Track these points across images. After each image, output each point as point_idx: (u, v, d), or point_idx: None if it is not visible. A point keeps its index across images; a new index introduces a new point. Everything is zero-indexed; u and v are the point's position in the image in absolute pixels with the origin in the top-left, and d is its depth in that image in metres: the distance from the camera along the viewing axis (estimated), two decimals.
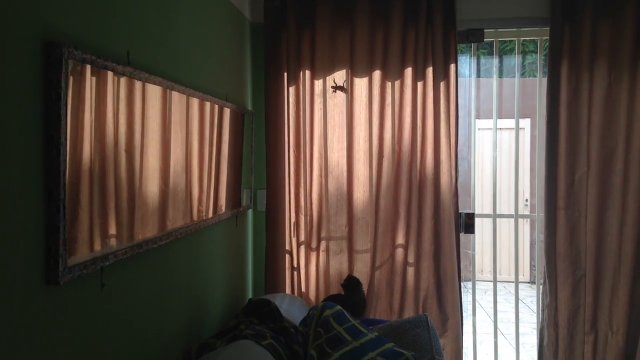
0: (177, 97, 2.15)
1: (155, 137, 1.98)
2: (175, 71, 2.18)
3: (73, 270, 1.43)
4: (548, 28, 3.17)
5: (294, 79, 3.29)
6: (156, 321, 2.03)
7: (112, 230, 1.69)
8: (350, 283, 3.13)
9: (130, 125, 1.78)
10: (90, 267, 1.52)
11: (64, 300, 1.44)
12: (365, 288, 3.23)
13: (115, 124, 1.68)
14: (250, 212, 3.43)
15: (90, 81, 1.53)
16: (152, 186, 1.96)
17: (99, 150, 1.59)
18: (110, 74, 1.63)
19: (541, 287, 3.34)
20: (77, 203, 1.48)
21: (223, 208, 2.79)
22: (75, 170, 1.47)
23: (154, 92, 1.95)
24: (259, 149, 3.37)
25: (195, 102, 2.36)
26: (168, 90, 2.05)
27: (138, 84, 1.81)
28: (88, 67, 1.51)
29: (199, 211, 2.45)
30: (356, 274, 3.27)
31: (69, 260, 1.42)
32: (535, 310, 3.71)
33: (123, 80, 1.72)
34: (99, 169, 1.60)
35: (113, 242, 1.69)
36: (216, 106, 2.64)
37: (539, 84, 3.43)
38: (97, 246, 1.60)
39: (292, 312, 2.84)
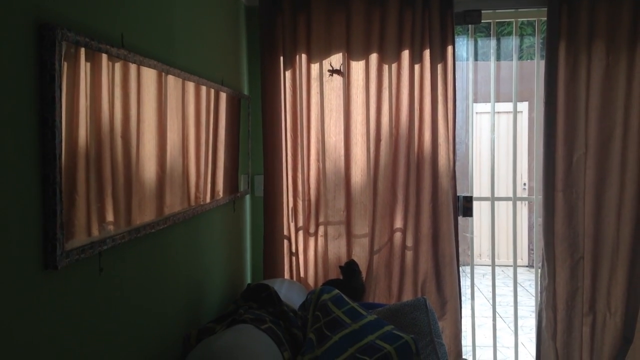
0: (172, 81, 2.14)
1: (151, 122, 1.97)
2: (170, 55, 2.16)
3: (71, 255, 1.43)
4: (546, 8, 3.15)
5: (290, 63, 3.27)
6: (155, 306, 2.03)
7: (110, 214, 1.69)
8: (350, 267, 3.14)
9: (126, 109, 1.77)
10: (88, 252, 1.52)
11: (62, 284, 1.44)
12: (363, 272, 3.24)
13: (110, 108, 1.67)
14: (248, 197, 3.43)
15: (84, 64, 1.52)
16: (149, 171, 1.96)
17: (95, 134, 1.58)
18: (104, 56, 1.62)
19: (539, 270, 3.35)
20: (73, 187, 1.48)
21: (220, 193, 2.79)
22: (71, 154, 1.46)
23: (149, 75, 1.93)
24: (255, 134, 3.37)
25: (191, 87, 2.34)
26: (163, 73, 2.04)
27: (133, 67, 1.80)
28: (82, 49, 1.49)
29: (196, 196, 2.45)
30: (355, 259, 3.27)
31: (66, 245, 1.42)
32: (534, 294, 3.73)
33: (118, 63, 1.71)
34: (95, 153, 1.59)
35: (111, 226, 1.69)
36: (212, 91, 2.63)
37: (537, 67, 3.42)
38: (95, 231, 1.60)
39: (291, 297, 2.84)
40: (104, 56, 1.61)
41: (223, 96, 2.80)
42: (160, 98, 2.03)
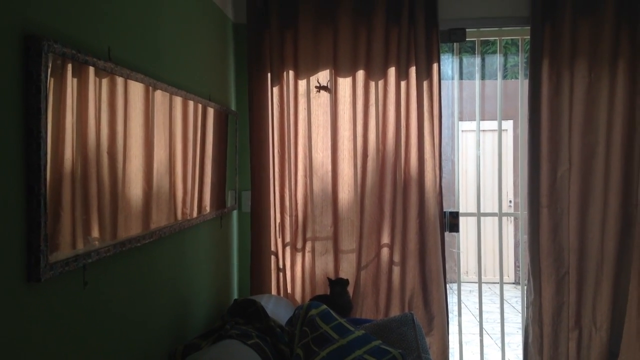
0: (160, 96, 2.14)
1: (138, 136, 1.96)
2: (157, 69, 2.16)
3: (54, 267, 1.41)
4: (529, 27, 3.20)
5: (277, 79, 3.29)
6: (140, 321, 2.01)
7: (95, 228, 1.67)
8: (340, 282, 3.13)
9: (113, 122, 1.76)
10: (73, 265, 1.50)
11: (45, 297, 1.42)
12: (351, 288, 3.23)
13: (97, 121, 1.66)
14: (235, 213, 3.41)
15: (71, 76, 1.52)
16: (135, 185, 1.94)
17: (81, 146, 1.57)
18: (91, 69, 1.61)
19: (525, 285, 3.36)
20: (58, 199, 1.46)
21: (207, 209, 2.77)
22: (57, 166, 1.45)
23: (137, 89, 1.93)
24: (243, 150, 3.36)
25: (178, 101, 2.34)
26: (150, 88, 2.04)
27: (120, 81, 1.80)
28: (69, 62, 1.49)
29: (183, 211, 2.44)
30: (342, 274, 3.26)
31: (50, 257, 1.40)
32: (520, 311, 3.73)
33: (104, 76, 1.70)
34: (81, 165, 1.58)
35: (96, 240, 1.67)
36: (200, 106, 2.63)
37: (521, 85, 3.46)
38: (80, 244, 1.58)
39: (278, 312, 2.82)
40: (91, 69, 1.61)
41: (210, 111, 2.80)
42: (147, 112, 2.03)
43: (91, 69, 1.61)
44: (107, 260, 1.72)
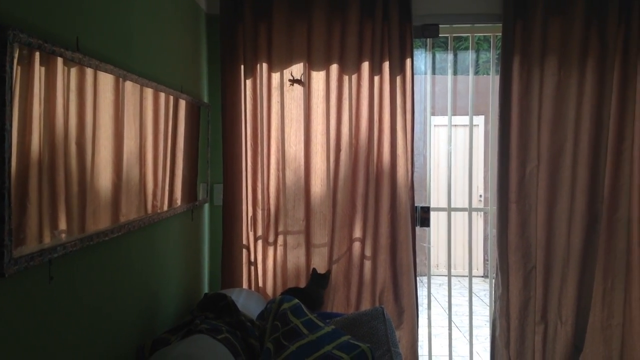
0: (130, 87, 2.10)
1: (108, 128, 1.93)
2: (128, 60, 2.12)
3: (19, 262, 1.38)
4: (501, 25, 3.23)
5: (251, 72, 3.26)
6: (108, 316, 1.98)
7: (62, 221, 1.64)
8: (325, 276, 3.15)
9: (82, 114, 1.73)
10: (38, 259, 1.47)
11: (9, 292, 1.39)
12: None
13: (65, 113, 1.62)
14: (206, 206, 3.38)
15: (38, 67, 1.48)
16: (104, 178, 1.91)
17: (49, 139, 1.54)
18: (59, 60, 1.58)
19: (494, 280, 3.41)
20: (24, 193, 1.43)
21: (178, 202, 2.75)
22: (23, 159, 1.41)
23: (106, 80, 1.90)
24: (215, 143, 3.33)
25: (149, 93, 2.31)
26: (121, 79, 2.00)
27: (89, 72, 1.76)
28: (36, 52, 1.45)
29: (153, 205, 2.41)
30: (314, 268, 3.27)
31: (14, 252, 1.37)
32: (489, 303, 3.79)
33: (73, 67, 1.67)
34: (48, 158, 1.55)
35: (63, 234, 1.64)
36: (171, 97, 2.59)
37: (492, 81, 3.50)
38: (46, 238, 1.55)
39: (249, 306, 2.82)
40: (59, 60, 1.57)
41: (182, 103, 2.77)
42: (117, 104, 1.99)
43: (59, 60, 1.58)
44: (74, 255, 1.70)
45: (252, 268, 3.33)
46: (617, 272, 3.22)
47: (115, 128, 1.98)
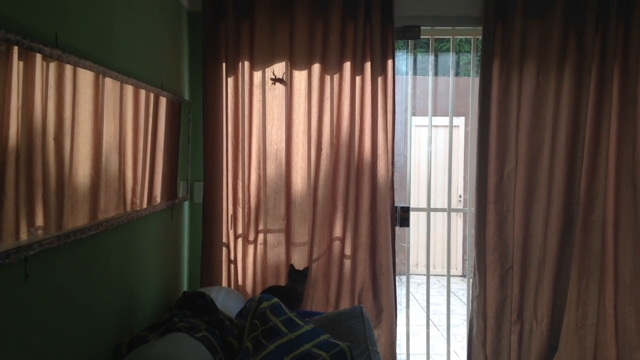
0: (110, 84, 2.09)
1: (87, 125, 1.91)
2: (107, 56, 2.11)
3: None
4: (481, 27, 3.26)
5: (232, 70, 3.25)
6: (85, 314, 1.96)
7: (39, 218, 1.62)
8: (303, 273, 3.17)
9: (60, 111, 1.71)
10: (14, 257, 1.45)
11: None
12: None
13: (43, 109, 1.61)
14: (186, 204, 3.37)
15: (17, 63, 1.47)
16: (82, 175, 1.89)
17: (26, 135, 1.53)
18: (38, 56, 1.56)
19: (471, 279, 3.44)
20: (0, 189, 1.42)
21: (158, 199, 2.73)
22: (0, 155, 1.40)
23: (85, 77, 1.88)
24: (196, 141, 3.32)
25: (129, 90, 2.29)
26: (100, 75, 1.99)
27: (68, 68, 1.75)
28: (14, 48, 1.44)
29: (132, 202, 2.39)
30: (294, 266, 3.27)
31: None
32: (466, 303, 3.83)
33: (52, 63, 1.65)
34: (25, 154, 1.53)
35: (40, 231, 1.62)
36: (151, 95, 2.58)
37: (472, 83, 3.53)
38: (23, 235, 1.53)
39: (228, 305, 2.81)
40: (38, 56, 1.56)
41: (163, 100, 2.75)
42: (96, 101, 1.98)
43: (38, 56, 1.56)
44: (51, 252, 1.68)
45: (232, 266, 3.33)
46: (591, 272, 3.27)
47: (95, 125, 1.97)
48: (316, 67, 3.24)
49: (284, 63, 3.26)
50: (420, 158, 7.62)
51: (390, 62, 3.24)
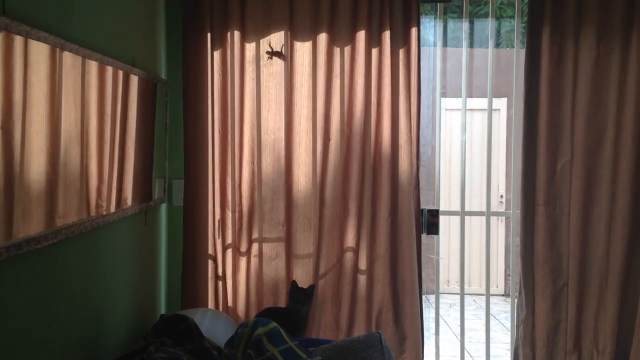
0: (69, 59, 2.09)
1: (41, 109, 1.92)
2: (66, 27, 2.12)
3: None
4: None
5: (219, 42, 3.26)
6: (40, 340, 1.97)
7: None
8: (308, 292, 3.19)
9: (8, 92, 1.72)
10: None
11: None
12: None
13: None
14: (164, 207, 3.38)
15: None
16: (36, 172, 1.90)
17: None
18: None
19: (516, 299, 3.44)
20: None
21: (129, 201, 2.74)
22: None
23: (39, 50, 1.89)
24: (175, 129, 3.33)
25: (93, 66, 2.30)
26: (57, 49, 2.00)
27: (18, 40, 1.75)
28: None
29: (97, 205, 2.40)
30: (297, 283, 3.28)
31: None
32: (510, 329, 3.82)
33: None
34: None
35: None
36: (120, 72, 2.59)
37: (516, 56, 3.52)
38: None
39: (216, 330, 2.82)
40: None
41: (134, 79, 2.76)
42: (53, 79, 1.99)
43: None
44: None
45: (220, 283, 3.34)
46: None
47: (51, 109, 1.98)
48: (322, 37, 3.24)
49: (282, 32, 3.26)
50: (452, 149, 7.60)
51: (414, 30, 3.24)
